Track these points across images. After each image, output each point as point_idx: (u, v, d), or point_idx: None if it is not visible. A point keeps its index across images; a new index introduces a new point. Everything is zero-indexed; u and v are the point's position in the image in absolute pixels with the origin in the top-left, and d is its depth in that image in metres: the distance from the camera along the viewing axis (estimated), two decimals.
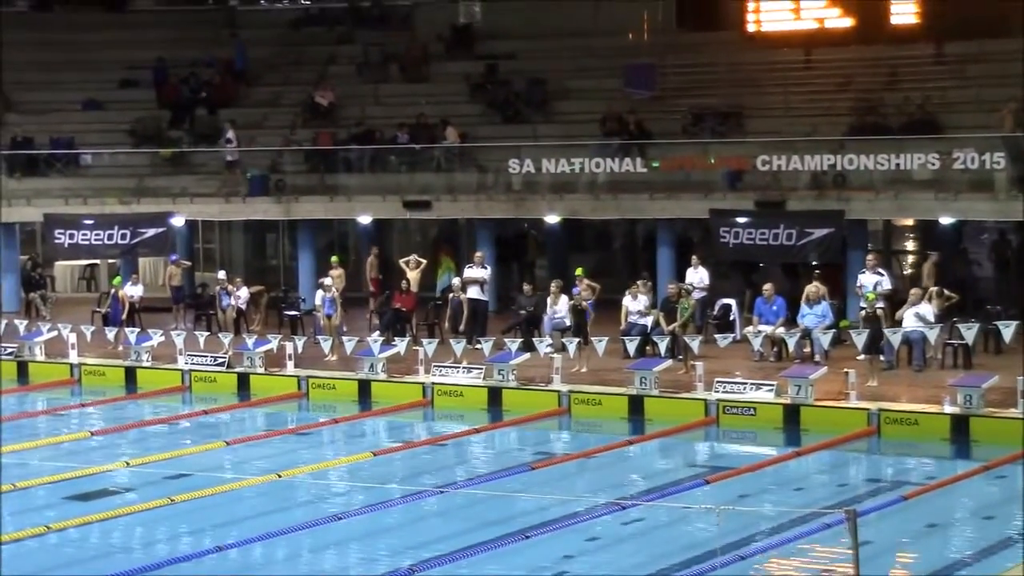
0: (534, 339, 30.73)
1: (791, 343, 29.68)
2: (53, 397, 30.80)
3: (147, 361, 31.71)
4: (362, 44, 46.47)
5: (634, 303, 30.95)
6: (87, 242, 39.57)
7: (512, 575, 17.50)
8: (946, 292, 30.03)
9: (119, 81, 46.81)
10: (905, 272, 38.60)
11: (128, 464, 23.26)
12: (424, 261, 35.36)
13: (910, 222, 39.20)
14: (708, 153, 37.25)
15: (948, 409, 25.23)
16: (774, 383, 26.65)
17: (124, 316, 34.36)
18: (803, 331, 29.67)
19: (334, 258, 36.04)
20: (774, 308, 30.58)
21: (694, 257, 33.48)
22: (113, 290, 35.41)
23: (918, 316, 28.53)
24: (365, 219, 39.82)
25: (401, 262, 35.26)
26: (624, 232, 42.48)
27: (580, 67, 42.97)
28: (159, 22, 49.29)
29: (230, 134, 41.45)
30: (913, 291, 29.53)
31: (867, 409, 25.35)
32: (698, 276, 32.64)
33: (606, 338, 29.47)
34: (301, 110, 43.94)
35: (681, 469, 23.78)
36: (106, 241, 39.30)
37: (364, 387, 29.30)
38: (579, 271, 33.04)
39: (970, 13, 38.12)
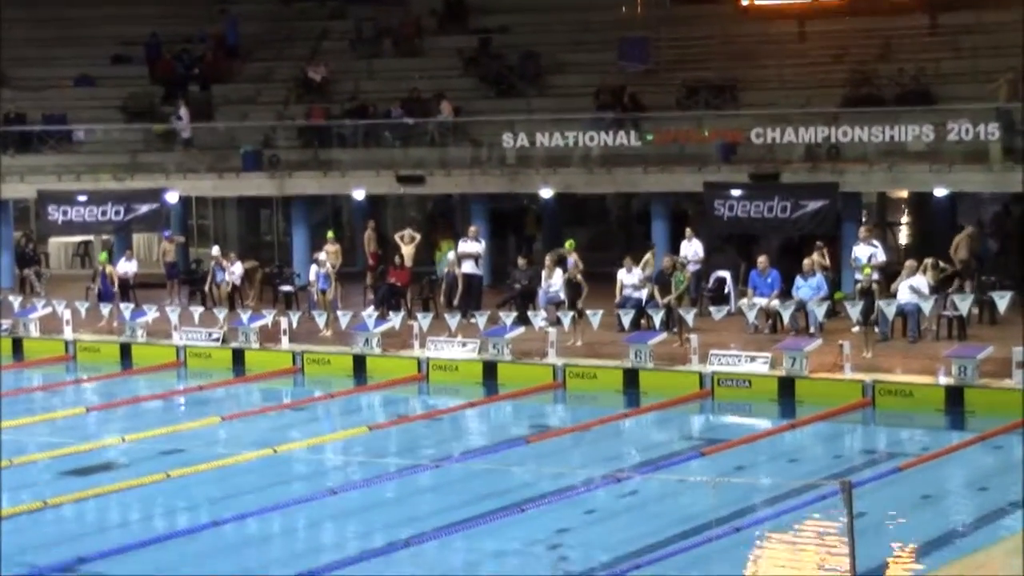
0: (529, 313, 30.74)
1: (786, 315, 29.70)
2: (48, 373, 30.80)
3: (142, 337, 31.70)
4: (355, 19, 46.34)
5: (628, 276, 30.94)
6: (81, 218, 39.49)
7: (508, 548, 17.54)
8: (942, 264, 30.04)
9: (112, 57, 46.71)
10: (902, 244, 38.61)
11: (123, 439, 23.26)
12: (418, 236, 35.28)
13: (904, 194, 39.19)
14: (702, 126, 37.18)
15: (943, 380, 25.25)
16: (769, 355, 26.67)
17: (116, 291, 34.33)
18: (798, 303, 29.68)
19: (330, 233, 36.01)
20: (769, 280, 30.58)
21: (688, 230, 33.48)
22: (101, 267, 35.35)
23: (912, 288, 28.54)
24: (359, 194, 39.76)
25: (396, 237, 35.22)
26: (619, 206, 42.47)
27: (574, 40, 42.90)
28: None
29: (182, 111, 41.39)
30: (908, 263, 29.53)
31: (862, 381, 25.38)
32: (692, 249, 32.64)
33: (601, 311, 29.47)
34: (294, 85, 43.86)
35: (676, 441, 23.83)
36: (100, 217, 39.22)
37: (359, 362, 29.30)
38: (568, 244, 33.08)
39: None
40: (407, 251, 34.30)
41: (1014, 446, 22.68)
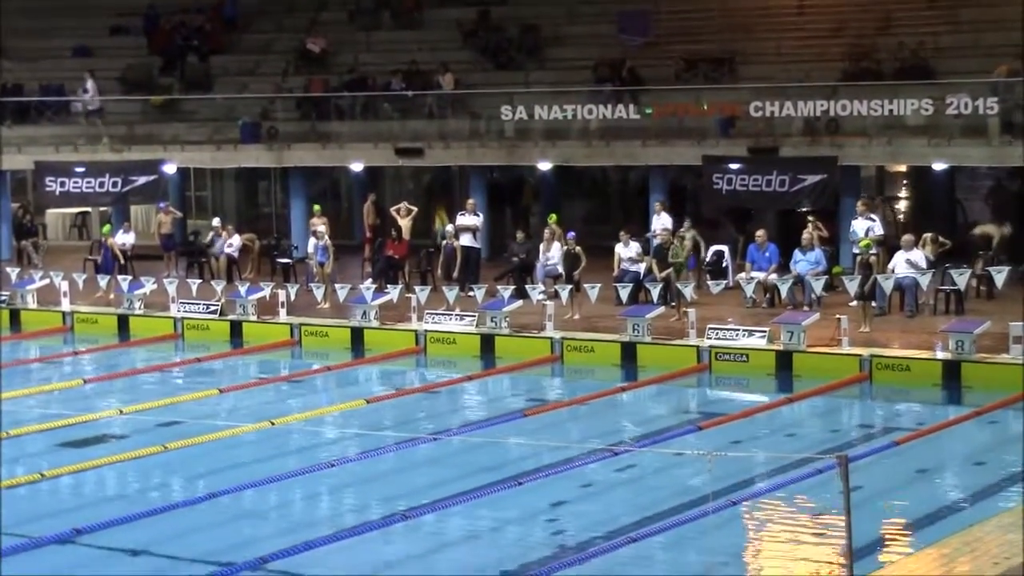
0: (527, 286, 30.73)
1: (783, 289, 29.69)
2: (46, 345, 30.80)
3: (139, 309, 31.70)
4: None
5: (626, 250, 30.93)
6: (78, 190, 39.46)
7: (505, 521, 17.57)
8: (940, 239, 30.03)
9: (110, 28, 46.61)
10: (899, 218, 38.58)
11: (121, 412, 23.27)
12: (415, 209, 35.20)
13: (903, 168, 39.16)
14: (701, 99, 37.12)
15: (940, 355, 25.27)
16: (766, 329, 26.67)
17: (119, 263, 34.33)
18: (795, 277, 29.67)
19: (316, 207, 35.96)
20: (767, 254, 30.58)
21: (657, 204, 33.53)
22: (103, 239, 35.34)
23: (909, 262, 28.54)
24: (357, 166, 39.74)
25: (392, 210, 35.15)
26: (617, 179, 42.42)
27: (573, 13, 42.79)
28: None
29: (88, 84, 41.28)
30: (905, 238, 29.51)
31: (859, 355, 25.39)
32: (660, 223, 32.55)
33: (599, 285, 29.47)
34: (293, 57, 43.77)
35: (673, 415, 23.85)
36: (97, 189, 39.17)
37: (357, 335, 29.31)
38: (552, 218, 33.09)
39: None
40: (404, 224, 34.28)
41: (1010, 421, 22.73)
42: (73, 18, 46.23)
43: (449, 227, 33.58)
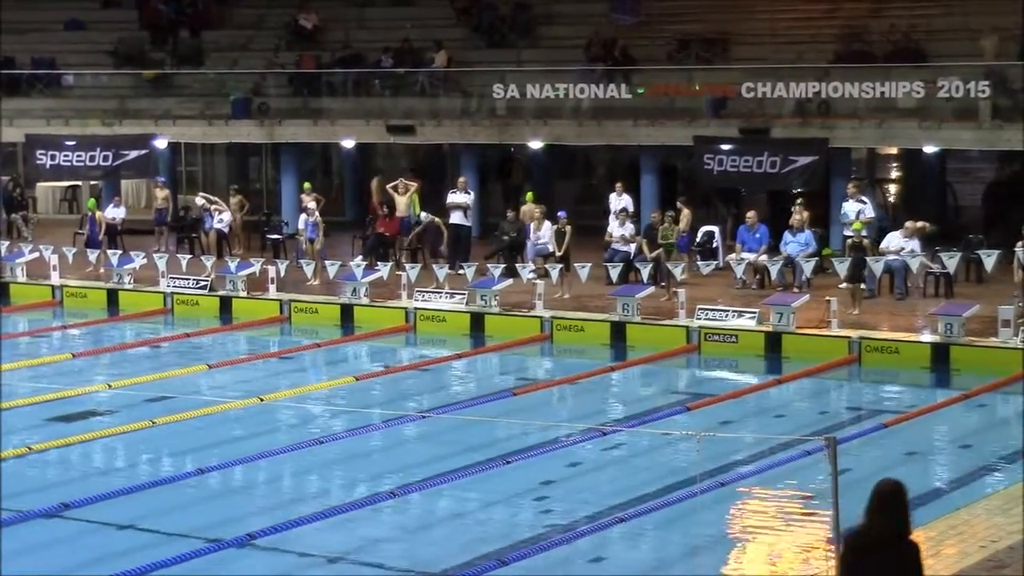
0: (517, 265, 30.73)
1: (774, 271, 29.72)
2: (35, 319, 30.77)
3: (129, 284, 31.67)
4: None
5: (618, 230, 30.93)
6: (69, 163, 39.42)
7: (493, 500, 17.59)
8: (920, 223, 30.00)
9: (102, 1, 46.43)
10: (889, 200, 38.60)
11: (110, 386, 23.26)
12: (414, 184, 34.97)
13: (894, 150, 39.18)
14: (693, 80, 37.11)
15: (929, 338, 25.30)
16: (756, 311, 26.69)
17: (102, 237, 34.26)
18: (786, 259, 29.70)
19: (307, 184, 35.88)
20: (757, 236, 30.60)
21: (618, 185, 33.53)
22: (90, 213, 35.29)
23: (903, 248, 28.56)
24: (348, 143, 39.68)
25: (389, 187, 35.05)
26: (608, 158, 42.40)
27: None
28: None
29: None
30: (908, 224, 29.38)
31: (848, 337, 25.42)
32: (621, 204, 32.52)
33: (589, 264, 29.48)
34: (285, 33, 43.66)
35: (662, 396, 23.84)
36: (88, 163, 39.13)
37: (347, 311, 29.29)
38: (528, 196, 33.06)
39: None
40: (401, 201, 34.17)
41: (998, 404, 22.81)
42: None
43: (423, 214, 33.58)
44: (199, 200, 36.31)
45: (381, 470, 18.86)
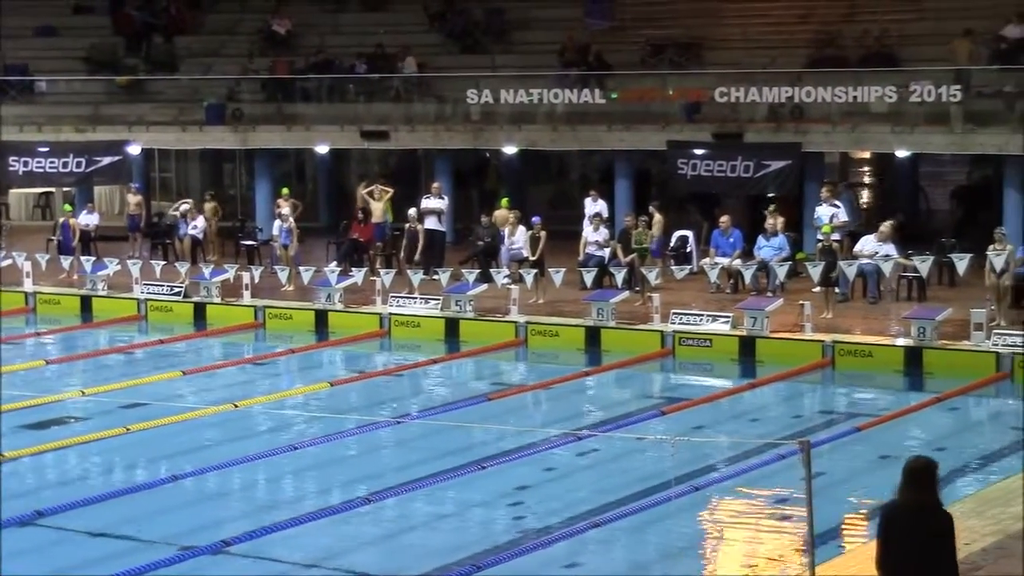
0: (491, 270, 30.74)
1: (747, 275, 29.78)
2: (8, 326, 30.46)
3: (103, 290, 31.58)
4: None
5: (593, 234, 30.97)
6: (42, 170, 39.31)
7: (468, 505, 17.59)
8: (890, 220, 30.02)
9: (73, 6, 46.35)
10: (862, 204, 38.70)
11: (83, 393, 23.17)
12: (390, 190, 34.96)
13: (866, 155, 39.30)
14: (667, 84, 37.18)
15: (902, 341, 25.38)
16: (730, 315, 26.74)
17: (75, 244, 34.16)
18: (759, 263, 29.76)
19: (285, 190, 35.86)
20: (731, 240, 30.66)
21: (592, 191, 33.59)
22: (63, 219, 35.18)
23: (878, 251, 28.63)
24: (322, 149, 39.64)
25: (364, 192, 34.98)
26: (582, 163, 42.44)
27: None
28: None
29: None
30: (884, 226, 29.42)
31: (822, 341, 25.47)
32: (595, 208, 32.57)
33: (563, 269, 29.50)
34: (258, 38, 43.62)
35: (637, 400, 23.87)
36: (61, 169, 39.04)
37: (321, 317, 29.26)
38: (503, 202, 33.06)
39: None
40: (376, 207, 34.14)
41: (971, 407, 22.92)
42: None
43: (411, 211, 33.53)
44: (184, 206, 36.18)
45: (356, 475, 18.86)
